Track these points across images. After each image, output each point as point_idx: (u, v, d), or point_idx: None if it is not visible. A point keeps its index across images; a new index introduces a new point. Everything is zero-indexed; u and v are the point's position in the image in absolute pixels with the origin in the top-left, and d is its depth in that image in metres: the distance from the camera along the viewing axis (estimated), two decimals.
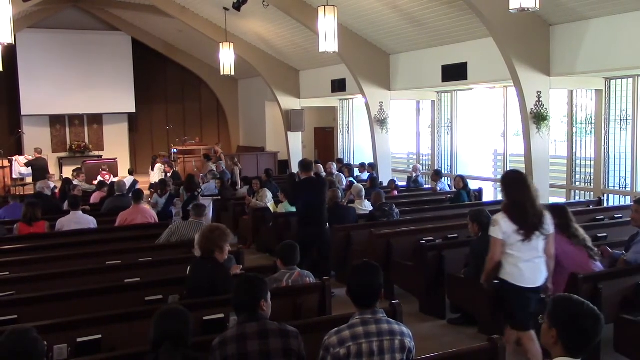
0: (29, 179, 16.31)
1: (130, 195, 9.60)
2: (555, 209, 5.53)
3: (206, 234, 4.99)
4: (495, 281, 4.85)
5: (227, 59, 15.21)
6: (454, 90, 14.49)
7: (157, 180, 13.74)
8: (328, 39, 10.30)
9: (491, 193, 13.74)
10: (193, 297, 4.77)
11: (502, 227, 4.65)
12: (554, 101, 11.14)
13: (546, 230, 4.66)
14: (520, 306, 4.68)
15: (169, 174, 15.57)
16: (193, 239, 5.68)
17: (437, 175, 12.72)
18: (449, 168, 14.88)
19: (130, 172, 15.84)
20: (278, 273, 5.22)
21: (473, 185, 12.75)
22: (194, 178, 11.96)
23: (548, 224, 4.69)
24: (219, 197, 12.32)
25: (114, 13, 20.41)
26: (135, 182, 13.98)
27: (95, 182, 14.32)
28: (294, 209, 9.83)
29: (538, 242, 4.64)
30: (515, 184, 4.73)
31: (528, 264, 4.64)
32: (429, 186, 13.63)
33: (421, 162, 15.69)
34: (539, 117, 10.49)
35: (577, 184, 11.76)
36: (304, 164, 7.82)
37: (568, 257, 5.40)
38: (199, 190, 11.48)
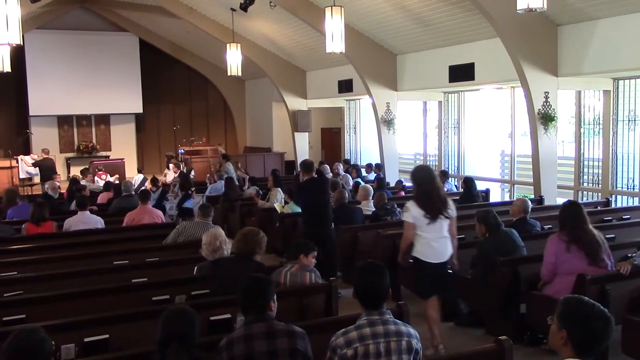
0: (37, 179, 16.37)
1: (137, 195, 9.61)
2: (564, 208, 5.57)
3: (251, 235, 4.97)
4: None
5: (234, 59, 15.23)
6: (461, 91, 14.46)
7: (170, 180, 14.23)
8: (335, 40, 10.30)
9: (498, 194, 13.70)
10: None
11: (412, 213, 5.49)
12: (562, 102, 11.10)
13: (449, 214, 5.51)
14: (426, 278, 5.53)
15: (175, 174, 15.59)
16: (200, 239, 5.69)
17: (443, 175, 12.65)
18: (455, 169, 14.84)
19: (140, 171, 15.90)
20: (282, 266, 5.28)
21: (480, 185, 12.71)
22: (188, 176, 12.66)
23: (451, 209, 5.54)
24: (224, 197, 12.33)
25: (121, 14, 20.48)
26: (144, 180, 14.02)
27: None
28: (300, 210, 9.87)
29: (443, 224, 5.47)
30: (423, 177, 5.57)
31: (435, 243, 5.48)
32: None
33: (428, 163, 15.66)
34: (546, 118, 10.46)
35: (585, 184, 11.71)
36: (306, 165, 7.85)
37: (565, 264, 5.41)
38: (192, 189, 12.05)
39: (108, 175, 15.53)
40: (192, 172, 16.82)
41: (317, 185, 7.84)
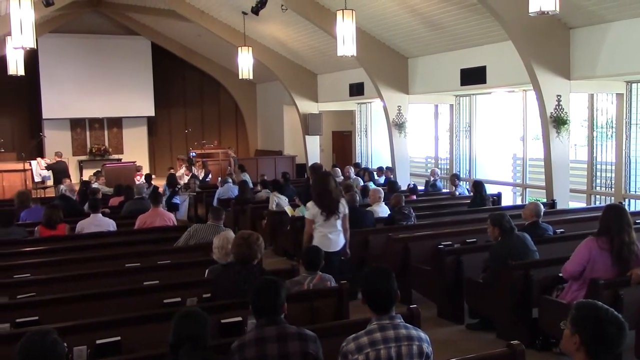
0: (50, 182, 16.48)
1: (149, 198, 9.65)
2: (606, 210, 5.48)
3: (251, 241, 4.87)
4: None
5: (245, 62, 15.28)
6: (473, 94, 14.43)
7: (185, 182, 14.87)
8: (346, 43, 10.30)
9: (510, 197, 13.64)
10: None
11: (312, 211, 6.58)
12: (574, 105, 11.05)
13: (341, 212, 6.58)
14: (325, 265, 5.79)
15: (187, 177, 15.65)
16: (211, 242, 5.70)
17: (455, 179, 12.65)
18: (467, 172, 14.80)
19: (148, 178, 15.88)
20: (299, 276, 5.23)
21: (492, 189, 12.67)
22: (174, 176, 14.29)
23: (343, 206, 6.64)
24: (236, 200, 12.37)
25: (133, 17, 20.59)
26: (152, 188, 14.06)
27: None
28: None
29: (336, 221, 6.56)
30: (320, 183, 6.64)
31: (331, 235, 6.55)
32: (447, 190, 13.57)
33: (439, 166, 15.62)
34: (558, 121, 10.41)
35: (598, 188, 11.63)
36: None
37: (597, 272, 5.27)
38: (179, 186, 13.74)
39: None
40: (210, 176, 16.88)
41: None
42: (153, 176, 15.47)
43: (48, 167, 16.06)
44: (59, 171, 15.51)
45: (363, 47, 12.75)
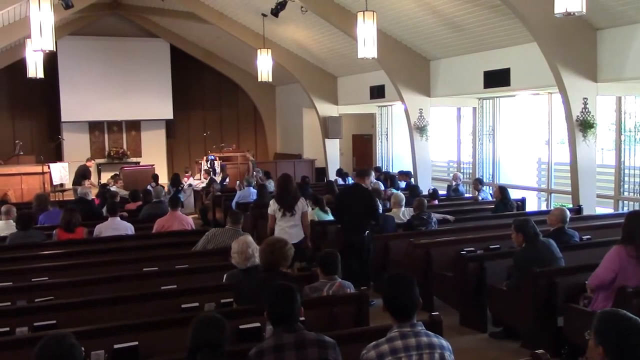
0: (68, 185, 16.67)
1: (168, 201, 9.72)
2: (629, 217, 5.42)
3: (276, 248, 4.87)
4: None
5: (264, 65, 15.33)
6: (497, 97, 14.33)
7: (195, 183, 15.31)
8: (367, 45, 10.30)
9: (535, 203, 13.51)
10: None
11: (272, 207, 7.77)
12: (601, 108, 10.92)
13: (298, 208, 7.72)
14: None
15: (206, 180, 15.73)
16: (229, 247, 5.71)
17: (479, 183, 12.57)
18: (490, 177, 14.69)
19: (154, 178, 16.07)
20: (318, 282, 5.21)
21: (516, 194, 12.57)
22: (179, 175, 15.15)
23: (303, 204, 7.82)
24: (254, 203, 12.40)
25: (152, 20, 20.79)
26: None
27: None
28: (327, 217, 9.90)
29: (294, 217, 7.70)
30: (280, 184, 7.95)
31: (290, 229, 7.63)
32: (470, 195, 13.49)
33: (462, 171, 15.54)
34: (585, 125, 10.30)
35: (626, 194, 11.48)
36: (360, 172, 8.29)
37: (626, 281, 5.19)
38: (182, 185, 14.70)
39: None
40: (227, 179, 16.95)
41: (350, 193, 8.11)
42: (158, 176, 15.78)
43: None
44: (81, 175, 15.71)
45: (384, 49, 12.73)
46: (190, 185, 15.48)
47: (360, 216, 7.87)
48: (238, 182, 15.95)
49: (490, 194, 12.74)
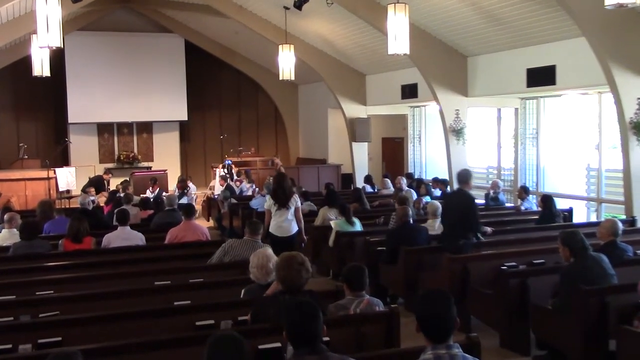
0: (75, 192, 16.89)
1: (181, 210, 9.78)
2: None
3: (294, 263, 4.79)
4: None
5: (286, 62, 15.38)
6: (541, 97, 14.22)
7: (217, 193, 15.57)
8: (398, 40, 10.29)
9: (583, 213, 13.35)
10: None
11: (268, 203, 8.99)
12: None
13: (292, 204, 8.86)
14: (276, 246, 7.84)
15: (222, 187, 15.83)
16: (248, 259, 5.73)
17: (524, 192, 12.45)
18: (534, 184, 14.56)
19: (153, 182, 16.38)
20: (345, 299, 5.19)
21: (562, 204, 12.43)
22: (184, 179, 16.44)
23: (296, 200, 9.00)
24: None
25: (166, 14, 21.00)
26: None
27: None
28: (351, 228, 9.90)
29: (288, 212, 8.81)
30: (277, 179, 9.18)
31: (283, 224, 8.82)
32: (512, 205, 13.36)
33: (502, 178, 15.42)
34: (639, 127, 10.16)
35: None
36: (460, 176, 8.46)
37: None
38: (187, 188, 15.79)
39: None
40: (254, 186, 16.91)
41: (452, 200, 8.58)
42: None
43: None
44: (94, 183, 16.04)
45: (417, 44, 12.69)
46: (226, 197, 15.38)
47: (458, 224, 8.13)
48: (257, 188, 16.06)
49: (535, 203, 12.63)
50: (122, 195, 13.15)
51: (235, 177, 17.33)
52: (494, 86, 13.96)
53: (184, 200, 14.33)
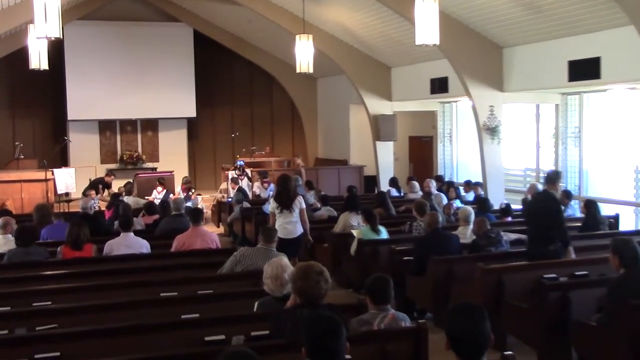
0: (74, 195, 17.02)
1: (189, 215, 9.82)
2: None
3: (312, 272, 4.80)
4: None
5: (304, 53, 15.38)
6: (584, 92, 14.15)
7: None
8: (427, 29, 10.27)
9: (631, 220, 13.24)
10: None
11: (272, 204, 9.81)
12: None
13: (296, 205, 9.66)
14: (285, 249, 8.20)
15: (234, 190, 15.88)
16: (261, 269, 5.75)
17: (565, 197, 12.37)
18: (576, 188, 14.48)
19: (160, 182, 16.48)
20: (368, 314, 5.19)
21: (608, 210, 12.34)
22: (190, 180, 16.70)
23: (300, 202, 9.77)
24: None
25: (173, 1, 21.07)
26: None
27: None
28: (376, 237, 9.89)
29: (292, 213, 9.62)
30: (281, 181, 9.90)
31: (288, 225, 9.59)
32: None
33: (541, 181, 15.33)
34: None
35: None
36: (549, 177, 8.76)
37: None
38: (193, 190, 16.30)
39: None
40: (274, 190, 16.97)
41: (544, 201, 8.50)
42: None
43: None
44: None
45: (447, 34, 12.66)
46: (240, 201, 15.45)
47: (547, 226, 8.14)
48: (270, 191, 16.07)
49: (579, 209, 12.54)
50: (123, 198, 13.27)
51: (253, 182, 17.31)
52: (532, 80, 13.91)
53: (188, 204, 14.45)
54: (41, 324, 5.62)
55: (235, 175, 17.25)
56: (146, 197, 15.74)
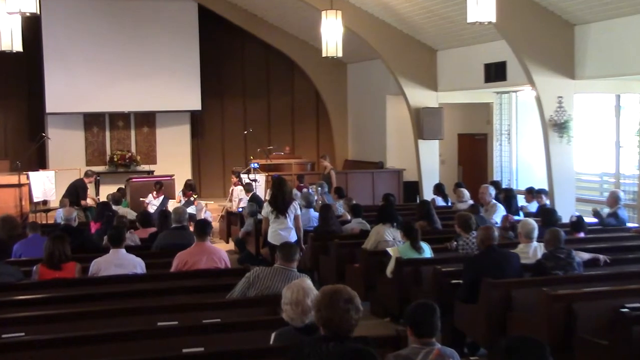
0: (53, 204, 17.10)
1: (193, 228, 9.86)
2: None
3: (347, 302, 4.79)
4: None
5: (331, 33, 15.40)
6: None
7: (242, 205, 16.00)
8: (480, 4, 10.25)
9: None
10: None
11: (266, 210, 10.95)
12: None
13: (291, 211, 10.81)
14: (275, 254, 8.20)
15: (246, 198, 15.92)
16: (279, 293, 5.74)
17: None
18: None
19: (159, 187, 16.63)
20: (408, 348, 5.17)
21: None
22: (192, 184, 17.40)
23: (295, 208, 10.96)
24: (315, 232, 12.48)
25: None
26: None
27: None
28: (417, 255, 9.83)
29: (287, 219, 10.76)
30: (277, 185, 11.01)
31: (282, 232, 10.71)
32: (636, 225, 13.17)
33: (622, 188, 15.21)
34: None
35: None
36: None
37: None
38: (195, 195, 16.88)
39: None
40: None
41: None
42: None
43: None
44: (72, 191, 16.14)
45: (505, 9, 12.63)
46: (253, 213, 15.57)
47: None
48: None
49: None
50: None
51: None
52: (610, 65, 13.83)
53: (191, 212, 14.80)
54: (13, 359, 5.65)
55: (249, 181, 17.28)
56: (141, 199, 15.81)
